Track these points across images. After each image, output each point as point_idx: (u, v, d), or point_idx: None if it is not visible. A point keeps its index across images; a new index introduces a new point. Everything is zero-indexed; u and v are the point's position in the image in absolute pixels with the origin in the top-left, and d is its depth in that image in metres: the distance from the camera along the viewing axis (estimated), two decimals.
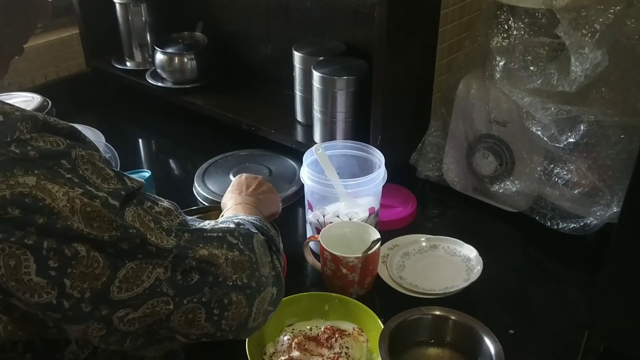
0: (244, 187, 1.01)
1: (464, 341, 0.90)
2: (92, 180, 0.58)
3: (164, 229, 0.64)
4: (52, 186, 0.55)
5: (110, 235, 0.58)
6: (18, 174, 0.53)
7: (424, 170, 1.32)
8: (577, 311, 1.05)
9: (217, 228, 0.72)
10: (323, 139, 1.34)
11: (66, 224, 0.55)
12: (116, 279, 0.59)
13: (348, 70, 1.29)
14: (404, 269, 1.09)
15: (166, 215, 0.66)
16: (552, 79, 1.06)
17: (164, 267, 0.63)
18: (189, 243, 0.66)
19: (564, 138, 1.07)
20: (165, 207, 0.67)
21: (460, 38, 1.34)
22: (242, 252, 0.72)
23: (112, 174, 0.61)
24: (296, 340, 0.92)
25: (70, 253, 0.55)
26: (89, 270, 0.57)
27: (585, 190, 1.11)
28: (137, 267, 0.60)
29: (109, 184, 0.60)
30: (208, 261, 0.67)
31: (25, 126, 0.56)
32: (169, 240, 0.63)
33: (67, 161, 0.57)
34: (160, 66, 1.62)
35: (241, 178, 1.04)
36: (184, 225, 0.68)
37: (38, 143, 0.56)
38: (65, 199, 0.55)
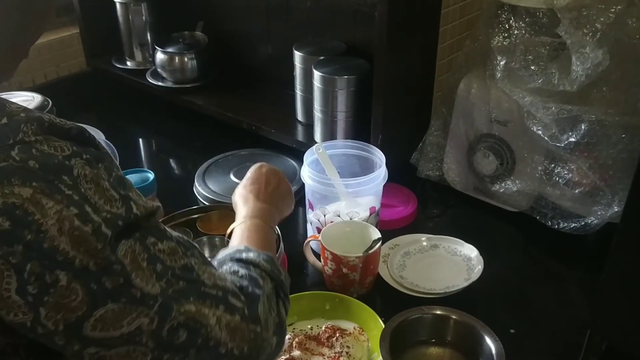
0: (263, 186, 0.94)
1: (465, 341, 0.90)
2: (93, 200, 0.55)
3: (156, 272, 0.58)
4: (46, 201, 0.52)
5: (96, 263, 0.54)
6: (15, 183, 0.51)
7: (424, 170, 1.32)
8: (577, 311, 1.05)
9: (219, 284, 0.64)
10: (324, 139, 1.34)
11: (53, 244, 0.52)
12: (92, 317, 0.54)
13: (349, 69, 1.29)
14: (405, 268, 1.09)
15: (170, 255, 0.61)
16: (553, 78, 1.06)
17: (150, 318, 0.57)
18: (178, 294, 0.59)
19: (565, 137, 1.07)
20: (172, 246, 0.61)
21: (461, 37, 1.34)
22: (245, 320, 0.64)
23: (118, 196, 0.57)
24: (297, 340, 0.92)
25: (50, 280, 0.52)
26: (66, 301, 0.53)
27: (586, 190, 1.11)
28: (119, 311, 0.56)
29: (112, 207, 0.56)
30: (196, 320, 0.60)
31: (30, 128, 0.54)
32: (155, 285, 0.58)
33: (68, 177, 0.54)
34: (161, 66, 1.62)
35: (261, 170, 0.97)
36: (185, 271, 0.62)
37: (42, 146, 0.53)
38: (56, 218, 0.52)
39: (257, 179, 0.96)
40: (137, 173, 1.19)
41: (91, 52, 1.77)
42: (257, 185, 0.94)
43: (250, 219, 0.87)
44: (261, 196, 0.93)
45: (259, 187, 0.94)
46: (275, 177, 0.97)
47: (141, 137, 1.65)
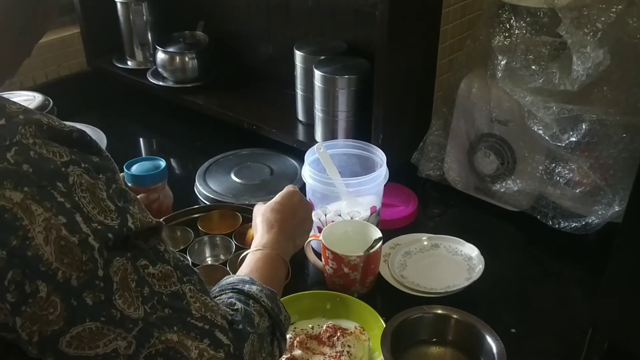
0: (290, 217, 0.94)
1: (466, 340, 0.90)
2: (86, 209, 0.53)
3: (143, 295, 0.57)
4: (36, 208, 0.51)
5: (78, 277, 0.52)
6: (7, 187, 0.50)
7: (425, 170, 1.32)
8: (578, 310, 1.05)
9: (208, 318, 0.62)
10: (324, 138, 1.34)
11: (37, 253, 0.50)
12: (68, 333, 0.53)
13: (349, 69, 1.29)
14: (406, 267, 1.09)
15: (160, 280, 0.59)
16: (554, 78, 1.06)
17: (127, 342, 0.55)
18: (161, 321, 0.58)
19: (566, 137, 1.07)
20: (165, 271, 0.59)
21: (462, 37, 1.34)
22: (231, 357, 0.63)
23: (114, 207, 0.56)
24: (298, 339, 0.92)
25: (29, 290, 0.51)
26: (43, 314, 0.52)
27: (586, 190, 1.11)
28: (96, 330, 0.54)
29: (105, 218, 0.54)
30: (176, 350, 0.58)
31: (29, 130, 0.53)
32: (139, 308, 0.56)
33: (63, 184, 0.53)
34: (162, 65, 1.62)
35: (294, 199, 0.98)
36: (174, 299, 0.59)
37: (41, 150, 0.52)
38: (43, 226, 0.51)
39: (287, 206, 0.96)
40: (149, 160, 1.20)
41: (92, 52, 1.77)
42: (285, 214, 0.94)
43: (267, 249, 0.87)
44: (285, 227, 0.92)
45: (286, 217, 0.94)
46: (304, 210, 0.99)
47: (142, 136, 1.65)
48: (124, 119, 1.70)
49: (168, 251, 0.62)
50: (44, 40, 1.77)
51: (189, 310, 0.61)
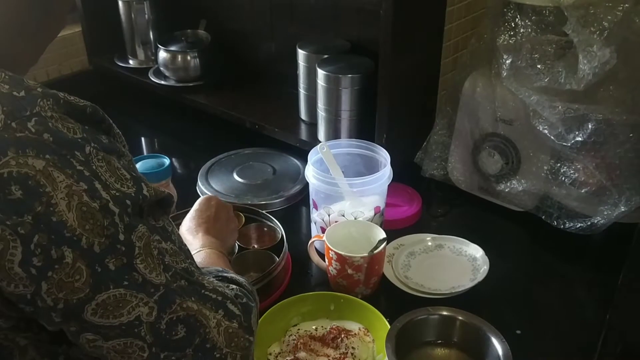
0: (212, 221, 0.96)
1: (472, 342, 0.89)
2: (104, 177, 0.55)
3: (164, 264, 0.59)
4: (58, 174, 0.52)
5: (100, 242, 0.54)
6: (29, 154, 0.51)
7: (429, 169, 1.32)
8: (584, 311, 1.04)
9: (219, 290, 0.65)
10: (327, 138, 1.33)
11: (61, 219, 0.52)
12: (94, 300, 0.54)
13: (353, 68, 1.28)
14: (410, 268, 1.08)
15: (172, 255, 0.61)
16: (560, 77, 1.05)
17: (149, 307, 0.57)
18: (181, 289, 0.60)
19: (572, 137, 1.06)
20: (175, 249, 0.61)
21: (466, 36, 1.33)
22: (242, 328, 0.65)
23: (129, 176, 0.58)
24: (302, 341, 0.92)
25: (56, 255, 0.52)
26: (69, 280, 0.53)
27: (592, 190, 1.10)
28: (120, 297, 0.55)
29: (122, 186, 0.56)
30: (196, 318, 0.61)
31: (47, 103, 0.54)
32: (160, 275, 0.58)
33: (81, 153, 0.54)
34: (163, 64, 1.61)
35: (211, 203, 0.99)
36: (187, 273, 0.62)
37: (57, 124, 0.54)
38: (66, 192, 0.52)
39: (205, 212, 0.97)
40: (152, 158, 1.20)
41: (93, 51, 1.77)
42: (207, 218, 0.95)
43: (207, 248, 0.87)
44: (211, 230, 0.93)
45: (208, 221, 0.95)
46: (224, 212, 1.00)
47: (143, 135, 1.65)
48: (126, 118, 1.69)
49: (174, 233, 0.64)
50: None
51: (201, 283, 0.63)
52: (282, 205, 1.28)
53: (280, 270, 1.03)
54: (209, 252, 0.87)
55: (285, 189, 1.31)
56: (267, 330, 0.93)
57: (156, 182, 1.17)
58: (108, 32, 1.73)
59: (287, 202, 1.29)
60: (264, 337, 0.92)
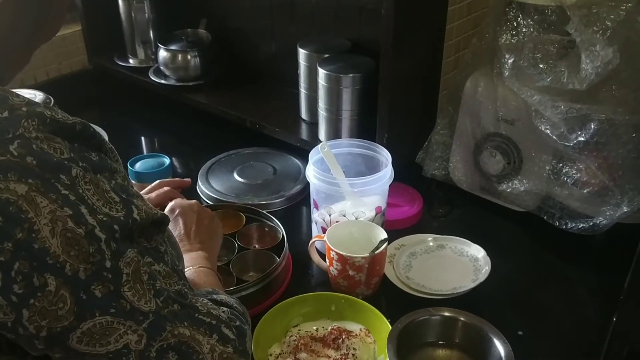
0: (194, 226, 0.94)
1: (473, 343, 0.88)
2: (90, 201, 0.53)
3: (155, 289, 0.57)
4: (41, 199, 0.50)
5: (86, 269, 0.52)
6: (11, 179, 0.49)
7: (430, 169, 1.31)
8: (585, 312, 1.04)
9: (212, 313, 0.63)
10: (328, 137, 1.33)
11: (44, 245, 0.50)
12: (79, 329, 0.52)
13: (354, 67, 1.27)
14: (411, 269, 1.08)
15: (165, 277, 0.59)
16: (562, 76, 1.05)
17: (138, 335, 0.55)
18: (173, 315, 0.58)
19: (574, 137, 1.06)
20: (167, 270, 0.60)
21: (468, 35, 1.32)
22: (238, 352, 0.64)
23: (118, 199, 0.55)
24: (302, 341, 0.91)
25: (38, 283, 0.50)
26: (52, 308, 0.51)
27: (594, 190, 1.10)
28: (107, 325, 0.53)
29: (110, 210, 0.54)
30: (188, 345, 0.58)
31: (32, 123, 0.52)
32: (150, 301, 0.56)
33: (66, 177, 0.52)
34: (164, 63, 1.61)
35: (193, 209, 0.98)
36: (180, 296, 0.60)
37: (42, 145, 0.52)
38: (49, 218, 0.50)
39: (188, 222, 0.95)
40: (153, 158, 1.20)
41: (93, 50, 1.76)
42: (188, 231, 0.93)
43: (196, 267, 0.85)
44: (197, 244, 0.91)
45: (192, 234, 0.93)
46: (203, 214, 0.98)
47: (143, 135, 1.64)
48: (126, 117, 1.69)
49: (168, 253, 0.62)
50: None
51: (195, 306, 0.61)
52: (282, 205, 1.27)
53: (281, 271, 1.03)
54: (198, 271, 0.85)
55: (286, 188, 1.30)
56: (268, 331, 0.92)
57: None
58: (108, 31, 1.73)
59: (287, 202, 1.28)
60: (265, 338, 0.91)
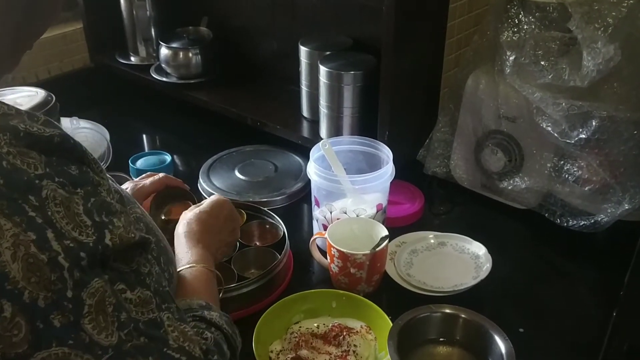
0: (215, 231, 0.91)
1: (474, 340, 0.88)
2: (59, 225, 0.50)
3: (119, 321, 0.53)
4: (5, 222, 0.48)
5: (46, 297, 0.49)
6: None
7: (431, 167, 1.31)
8: (587, 309, 1.04)
9: (185, 349, 0.59)
10: (329, 135, 1.33)
11: (4, 270, 0.47)
12: (33, 357, 0.49)
13: (355, 65, 1.27)
14: (412, 266, 1.08)
15: (138, 306, 0.55)
16: (564, 73, 1.04)
17: None
18: (136, 349, 0.54)
19: (575, 134, 1.05)
20: (144, 297, 0.56)
21: (469, 32, 1.32)
22: None
23: (90, 222, 0.53)
24: (303, 338, 0.91)
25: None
26: (7, 335, 0.48)
27: (596, 187, 1.10)
28: (64, 356, 0.50)
29: (80, 234, 0.51)
30: None
31: (4, 138, 0.50)
32: (112, 335, 0.53)
33: (35, 198, 0.50)
34: (165, 61, 1.61)
35: (223, 213, 0.94)
36: (151, 327, 0.56)
37: (15, 160, 0.49)
38: (12, 242, 0.48)
39: (215, 218, 0.92)
40: (154, 155, 1.20)
41: (95, 48, 1.76)
42: (212, 228, 0.90)
43: (200, 265, 0.82)
44: (210, 244, 0.89)
45: (212, 232, 0.90)
46: (231, 224, 0.95)
47: (145, 132, 1.64)
48: (127, 115, 1.69)
49: (152, 274, 0.59)
50: (47, 36, 1.77)
51: (166, 339, 0.58)
52: (283, 202, 1.27)
53: (282, 268, 1.03)
54: (201, 271, 0.81)
55: (287, 186, 1.31)
56: (269, 328, 0.92)
57: None
58: (109, 29, 1.72)
59: (288, 199, 1.28)
60: (266, 335, 0.91)
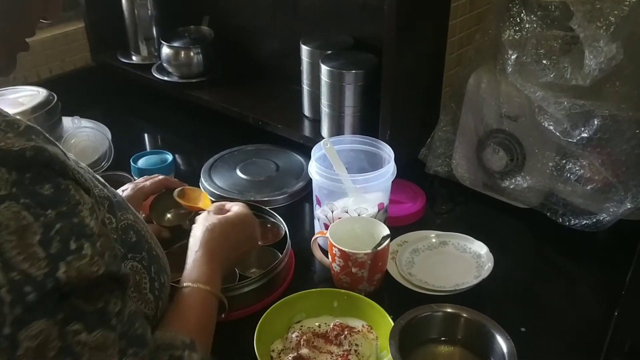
0: (232, 247, 0.87)
1: (476, 339, 0.88)
2: (9, 255, 0.47)
3: None
4: None
5: None
6: None
7: (433, 166, 1.31)
8: (589, 309, 1.04)
9: None
10: (331, 134, 1.33)
11: None
12: None
13: (356, 64, 1.27)
14: (414, 265, 1.08)
15: (94, 349, 0.51)
16: (566, 72, 1.04)
17: None
18: None
19: (577, 133, 1.05)
20: (104, 340, 0.51)
21: (471, 31, 1.32)
22: None
23: (44, 254, 0.49)
24: (305, 337, 0.91)
25: None
26: None
27: (598, 186, 1.10)
28: None
29: (30, 267, 0.48)
30: None
31: None
32: None
33: None
34: (166, 60, 1.61)
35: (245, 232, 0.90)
36: None
37: None
38: None
39: (237, 233, 0.89)
40: (156, 154, 1.20)
41: (96, 47, 1.76)
42: (230, 244, 0.87)
43: (203, 286, 0.78)
44: (224, 262, 0.85)
45: (229, 248, 0.87)
46: (249, 244, 0.93)
47: (146, 132, 1.64)
48: (129, 114, 1.69)
49: (122, 314, 0.55)
50: (48, 35, 1.77)
51: None
52: (285, 201, 1.27)
53: (283, 267, 1.03)
54: (203, 295, 0.77)
55: (289, 185, 1.30)
56: (270, 327, 0.92)
57: None
58: (111, 28, 1.72)
59: (290, 198, 1.28)
60: (267, 334, 0.91)
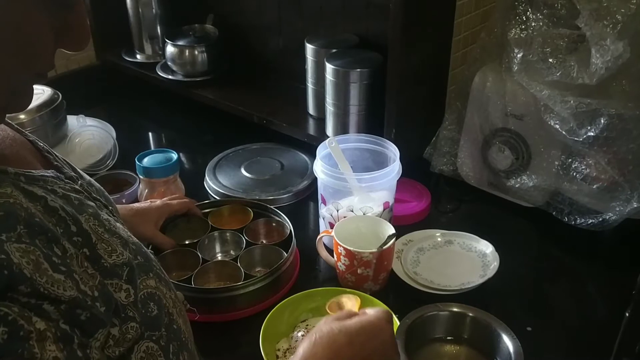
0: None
1: (482, 338, 0.88)
2: None
3: None
4: None
5: None
6: None
7: (438, 165, 1.31)
8: (595, 308, 1.03)
9: None
10: (336, 133, 1.32)
11: None
12: None
13: (362, 62, 1.27)
14: (419, 264, 1.07)
15: None
16: (572, 71, 1.04)
17: None
18: None
19: (583, 132, 1.05)
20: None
21: (476, 30, 1.32)
22: None
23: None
24: None
25: None
26: None
27: (604, 185, 1.09)
28: None
29: None
30: None
31: None
32: None
33: None
34: (171, 59, 1.61)
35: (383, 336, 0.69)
36: None
37: None
38: None
39: (363, 344, 0.67)
40: (160, 153, 1.21)
41: (101, 46, 1.76)
42: (352, 353, 0.67)
43: None
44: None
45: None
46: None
47: (151, 130, 1.64)
48: (133, 112, 1.69)
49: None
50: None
51: None
52: (290, 200, 1.27)
53: (289, 266, 1.03)
54: None
55: (294, 184, 1.30)
56: (276, 327, 0.92)
57: (164, 177, 1.18)
58: (116, 26, 1.73)
59: (295, 197, 1.28)
60: (272, 333, 0.91)
